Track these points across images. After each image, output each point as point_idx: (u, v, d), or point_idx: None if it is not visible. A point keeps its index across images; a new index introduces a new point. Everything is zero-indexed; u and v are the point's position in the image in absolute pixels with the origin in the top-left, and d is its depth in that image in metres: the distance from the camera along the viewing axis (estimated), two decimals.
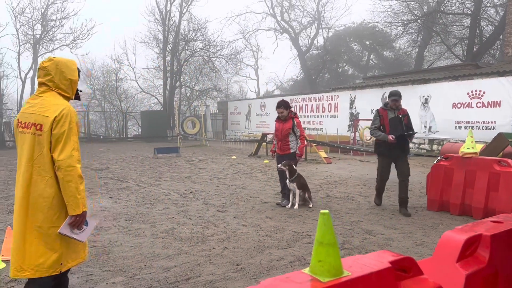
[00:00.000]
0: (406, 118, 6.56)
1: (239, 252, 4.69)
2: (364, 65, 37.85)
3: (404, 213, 6.40)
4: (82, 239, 2.85)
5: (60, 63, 2.89)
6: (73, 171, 2.69)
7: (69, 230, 2.75)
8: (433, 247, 4.85)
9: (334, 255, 1.65)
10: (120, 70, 33.36)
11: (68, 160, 2.68)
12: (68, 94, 2.94)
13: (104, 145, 24.37)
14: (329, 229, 1.68)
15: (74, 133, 2.78)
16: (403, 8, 29.02)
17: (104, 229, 5.69)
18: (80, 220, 2.77)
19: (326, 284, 1.59)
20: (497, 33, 24.18)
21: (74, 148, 2.74)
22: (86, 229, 2.86)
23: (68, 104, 2.85)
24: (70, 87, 2.94)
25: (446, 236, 2.21)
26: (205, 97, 34.55)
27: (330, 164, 13.77)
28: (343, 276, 1.64)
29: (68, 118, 2.74)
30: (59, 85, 2.87)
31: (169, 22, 30.37)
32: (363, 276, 1.68)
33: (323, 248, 1.66)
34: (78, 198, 2.73)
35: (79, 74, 3.03)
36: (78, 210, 2.74)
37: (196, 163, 14.34)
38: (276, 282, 1.62)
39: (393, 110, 6.60)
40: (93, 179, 10.37)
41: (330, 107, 22.04)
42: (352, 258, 1.85)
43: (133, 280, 3.89)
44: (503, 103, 14.17)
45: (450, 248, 2.15)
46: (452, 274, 2.06)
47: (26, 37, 27.21)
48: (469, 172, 6.26)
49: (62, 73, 2.87)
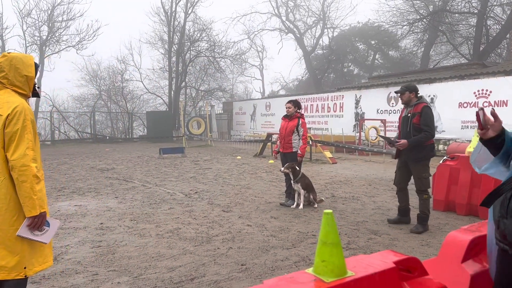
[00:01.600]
0: (416, 117, 5.46)
1: (244, 252, 4.69)
2: (369, 65, 37.74)
3: (411, 229, 5.56)
4: (45, 241, 2.72)
5: (15, 59, 2.75)
6: (27, 171, 2.57)
7: (28, 232, 2.63)
8: (438, 247, 4.82)
9: (337, 255, 1.65)
10: (125, 71, 33.51)
11: (21, 159, 2.57)
12: (24, 91, 2.80)
13: (110, 146, 24.48)
14: (333, 229, 1.68)
15: (29, 132, 2.64)
16: (408, 7, 28.89)
17: (109, 229, 5.71)
18: (39, 221, 2.64)
19: (329, 284, 1.58)
20: (504, 32, 24.00)
21: (28, 147, 2.61)
22: (49, 230, 2.73)
23: (22, 101, 2.71)
24: (26, 84, 2.80)
25: (451, 236, 2.20)
26: (210, 98, 34.59)
27: (336, 164, 13.74)
28: (347, 276, 1.64)
29: (22, 116, 2.62)
30: (14, 82, 2.74)
31: (174, 23, 30.44)
32: (367, 276, 1.67)
33: (327, 248, 1.66)
34: (34, 199, 2.60)
35: (36, 70, 2.90)
36: (34, 212, 2.60)
37: (201, 163, 14.36)
38: (280, 282, 1.62)
39: (407, 107, 5.74)
40: (98, 179, 10.42)
41: (335, 107, 21.99)
42: (356, 258, 1.85)
43: (138, 280, 3.90)
44: (510, 102, 14.07)
45: (456, 248, 2.14)
46: (457, 275, 2.05)
47: (32, 39, 27.40)
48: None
49: (17, 69, 2.74)
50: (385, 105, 18.89)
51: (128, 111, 32.16)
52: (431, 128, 5.40)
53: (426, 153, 5.46)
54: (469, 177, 6.28)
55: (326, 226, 1.68)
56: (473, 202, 6.23)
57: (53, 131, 27.73)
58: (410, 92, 5.60)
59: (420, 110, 5.46)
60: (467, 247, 2.11)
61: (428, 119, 5.41)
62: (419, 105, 5.54)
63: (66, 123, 29.61)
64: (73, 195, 8.31)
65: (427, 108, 5.48)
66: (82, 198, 8.05)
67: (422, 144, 5.42)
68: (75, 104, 33.74)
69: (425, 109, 5.45)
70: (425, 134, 5.37)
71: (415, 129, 5.43)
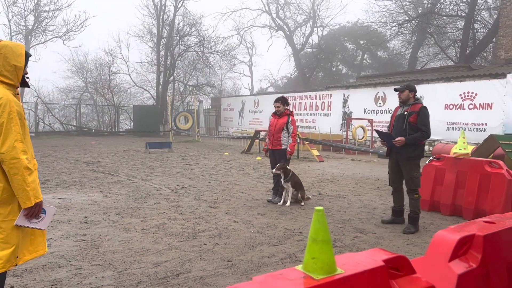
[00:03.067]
0: (413, 116, 5.48)
1: (230, 248, 4.67)
2: (357, 65, 37.96)
3: (403, 230, 5.52)
4: (42, 227, 2.78)
5: (5, 47, 2.69)
6: (18, 163, 2.56)
7: (26, 221, 2.68)
8: (424, 246, 4.88)
9: (327, 252, 1.63)
10: (113, 63, 33.10)
11: (11, 152, 2.54)
12: (12, 82, 2.74)
13: (95, 139, 24.18)
14: (323, 226, 1.66)
15: (16, 123, 2.60)
16: (398, 8, 29.13)
17: (94, 223, 5.64)
18: (35, 210, 2.67)
19: (319, 282, 1.57)
20: (490, 35, 24.34)
21: (17, 139, 2.58)
22: (45, 217, 2.78)
23: (7, 93, 2.66)
24: (15, 74, 2.73)
25: (439, 235, 2.21)
26: (198, 93, 34.40)
27: (323, 162, 13.79)
28: (337, 273, 1.63)
29: (7, 108, 2.57)
30: (2, 72, 2.68)
31: (164, 16, 30.15)
32: (357, 274, 1.66)
33: (317, 245, 1.64)
34: (28, 190, 2.60)
35: (27, 59, 2.83)
36: (29, 203, 2.62)
37: (188, 158, 14.27)
38: (269, 278, 1.60)
39: (403, 106, 5.77)
40: (83, 172, 10.28)
41: (323, 105, 22.07)
42: (345, 256, 1.84)
43: (122, 275, 3.85)
44: (494, 105, 14.28)
45: (443, 248, 2.15)
46: (445, 274, 2.05)
47: (18, 28, 26.89)
48: (461, 173, 6.30)
49: (6, 58, 2.67)
50: (372, 105, 19.01)
51: (115, 104, 31.78)
52: (428, 128, 5.47)
53: (418, 152, 5.54)
54: (454, 178, 6.36)
55: (317, 223, 1.66)
56: (458, 203, 6.31)
57: (37, 123, 27.27)
58: (410, 91, 5.66)
59: (418, 109, 5.52)
60: (455, 246, 2.12)
61: (425, 119, 5.49)
62: (416, 105, 5.60)
63: (51, 115, 29.14)
64: (57, 188, 8.18)
65: (425, 108, 5.55)
66: (66, 191, 7.93)
67: (418, 143, 5.50)
68: (61, 95, 33.23)
69: (423, 110, 5.53)
70: (422, 134, 5.44)
71: (411, 128, 5.48)
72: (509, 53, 17.74)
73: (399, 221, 5.88)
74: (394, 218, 5.90)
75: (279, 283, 1.57)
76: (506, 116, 13.84)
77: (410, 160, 5.56)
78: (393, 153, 5.74)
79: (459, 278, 2.01)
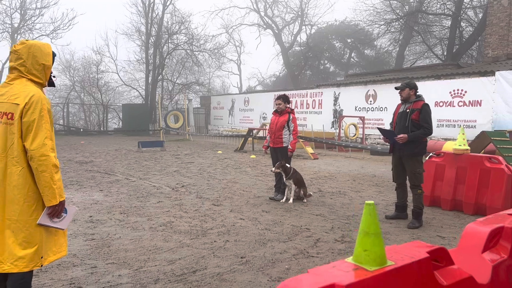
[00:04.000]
0: (415, 114, 5.55)
1: (241, 245, 4.70)
2: (345, 63, 38.26)
3: (408, 225, 5.62)
4: (63, 227, 2.78)
5: (34, 46, 2.72)
6: (47, 161, 2.57)
7: (48, 219, 2.68)
8: (429, 240, 4.97)
9: (379, 245, 1.68)
10: (101, 62, 32.76)
11: (40, 149, 2.56)
12: (41, 80, 2.78)
13: (84, 138, 23.92)
14: (374, 220, 1.71)
15: (46, 121, 2.63)
16: (385, 7, 29.43)
17: (100, 222, 5.61)
18: (59, 209, 2.68)
19: (373, 273, 1.62)
20: (476, 34, 24.79)
21: (47, 136, 2.60)
22: (66, 216, 2.78)
23: (38, 90, 2.70)
24: (43, 73, 2.77)
25: (470, 228, 2.28)
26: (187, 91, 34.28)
27: (317, 159, 13.89)
28: (388, 265, 1.68)
29: (39, 105, 2.60)
30: (31, 70, 2.71)
31: (152, 15, 29.93)
32: (406, 266, 1.71)
33: (369, 238, 1.69)
34: (54, 188, 2.62)
35: (53, 59, 2.86)
36: (54, 201, 2.63)
37: (182, 157, 14.23)
38: (324, 270, 1.65)
39: (404, 103, 5.83)
40: (78, 172, 10.19)
41: (314, 103, 22.21)
42: (388, 248, 1.90)
43: (139, 273, 3.86)
44: (483, 102, 14.58)
45: (475, 240, 2.22)
46: (479, 265, 2.12)
47: (3, 26, 26.42)
48: (461, 169, 6.43)
49: (34, 57, 2.70)
50: (363, 103, 19.21)
51: (103, 103, 31.47)
52: (430, 125, 5.56)
53: (421, 148, 5.63)
54: (454, 174, 6.49)
55: (368, 217, 1.71)
56: (458, 198, 6.44)
57: None
58: (410, 89, 5.73)
59: (420, 107, 5.59)
60: (487, 238, 2.19)
61: (427, 116, 5.57)
62: (418, 102, 5.67)
63: None
64: None
65: (427, 106, 5.62)
66: (65, 191, 7.79)
67: (420, 139, 5.59)
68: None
69: (425, 107, 5.60)
70: (424, 130, 5.53)
71: (413, 125, 5.57)
72: (496, 51, 18.09)
73: (403, 217, 5.98)
74: (397, 213, 6.00)
75: (336, 274, 1.61)
76: (495, 113, 14.14)
77: (413, 157, 5.66)
78: (396, 150, 5.83)
79: (493, 269, 2.09)
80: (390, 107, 17.53)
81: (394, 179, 6.04)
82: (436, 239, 5.04)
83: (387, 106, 17.78)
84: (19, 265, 2.57)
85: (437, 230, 5.49)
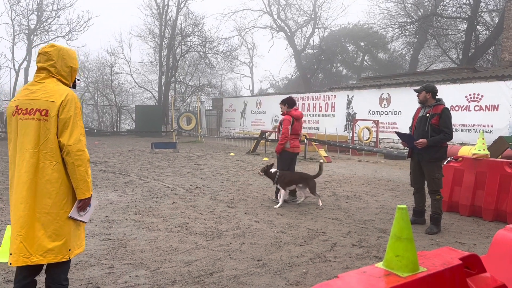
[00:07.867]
0: (435, 118, 5.43)
1: (258, 248, 4.66)
2: (358, 66, 38.04)
3: (426, 230, 5.53)
4: (85, 220, 2.90)
5: (62, 50, 2.89)
6: (83, 155, 2.72)
7: (76, 213, 2.80)
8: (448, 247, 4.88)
9: (412, 250, 1.64)
10: (115, 63, 33.06)
11: (77, 144, 2.70)
12: (67, 82, 2.92)
13: (98, 139, 24.14)
14: (407, 224, 1.67)
15: (80, 118, 2.79)
16: (399, 10, 29.22)
17: (116, 222, 5.62)
18: (88, 202, 2.83)
19: (406, 279, 1.57)
20: (493, 37, 24.46)
21: (81, 133, 2.76)
22: (89, 210, 2.90)
23: (70, 90, 2.85)
24: (70, 75, 2.93)
25: (500, 234, 2.22)
26: (200, 93, 34.41)
27: (330, 163, 13.80)
28: (420, 271, 1.63)
29: (74, 103, 2.75)
30: (60, 72, 2.85)
31: (166, 17, 30.14)
32: (439, 272, 1.67)
33: (401, 243, 1.65)
34: (88, 182, 2.77)
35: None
36: (88, 194, 2.78)
37: (195, 159, 14.26)
38: (354, 276, 1.61)
39: (424, 107, 5.72)
40: (93, 172, 10.24)
41: (327, 106, 22.09)
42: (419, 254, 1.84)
43: (156, 274, 3.84)
44: (501, 107, 14.34)
45: (506, 247, 2.16)
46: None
47: (20, 27, 26.82)
48: (480, 174, 6.31)
49: (64, 59, 2.86)
50: (377, 106, 19.05)
51: (117, 104, 31.72)
52: (450, 130, 5.43)
53: (441, 154, 5.51)
54: (473, 179, 6.37)
55: (401, 221, 1.67)
56: (477, 204, 6.32)
57: None
58: (427, 92, 5.61)
59: (440, 111, 5.47)
60: None
61: (448, 121, 5.45)
62: (438, 106, 5.55)
63: None
64: None
65: (447, 110, 5.50)
66: None
67: (440, 145, 5.48)
68: None
69: (446, 111, 5.48)
70: (445, 136, 5.40)
71: (433, 130, 5.45)
72: None
73: (420, 222, 5.88)
74: (415, 218, 5.91)
75: (367, 280, 1.57)
76: None
77: (432, 162, 5.55)
78: (415, 154, 5.74)
79: None
80: (404, 111, 17.36)
81: (412, 184, 5.94)
82: (455, 245, 4.94)
83: (401, 109, 17.61)
84: (48, 256, 2.67)
85: (456, 236, 5.38)
